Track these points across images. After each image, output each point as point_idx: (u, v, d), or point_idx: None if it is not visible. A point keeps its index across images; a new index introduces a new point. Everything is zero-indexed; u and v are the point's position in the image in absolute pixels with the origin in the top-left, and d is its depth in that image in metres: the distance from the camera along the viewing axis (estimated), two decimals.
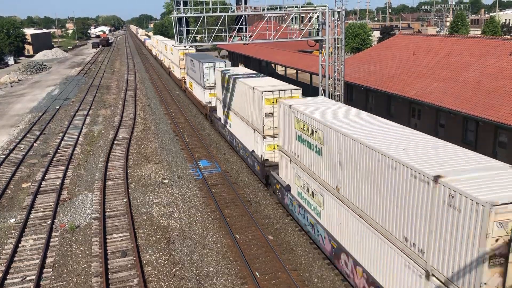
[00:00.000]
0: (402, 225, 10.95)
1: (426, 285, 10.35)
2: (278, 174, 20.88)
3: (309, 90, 44.39)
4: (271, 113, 22.37)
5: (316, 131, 15.71)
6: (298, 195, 18.37)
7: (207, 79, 37.70)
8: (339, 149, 14.15)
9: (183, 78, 53.96)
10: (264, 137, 22.64)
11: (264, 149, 22.78)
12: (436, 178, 9.68)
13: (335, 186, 14.66)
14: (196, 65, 40.94)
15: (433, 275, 10.07)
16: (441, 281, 9.82)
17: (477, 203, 8.71)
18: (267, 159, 22.75)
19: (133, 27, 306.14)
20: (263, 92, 22.09)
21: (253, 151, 24.56)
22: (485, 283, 8.83)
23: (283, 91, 22.39)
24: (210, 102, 38.07)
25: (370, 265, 12.83)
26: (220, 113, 33.20)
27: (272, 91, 22.32)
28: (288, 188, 19.34)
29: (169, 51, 65.33)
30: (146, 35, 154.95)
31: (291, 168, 18.75)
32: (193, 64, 42.97)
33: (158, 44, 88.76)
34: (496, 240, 8.74)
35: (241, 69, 34.80)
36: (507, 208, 8.54)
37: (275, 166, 21.70)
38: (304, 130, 16.78)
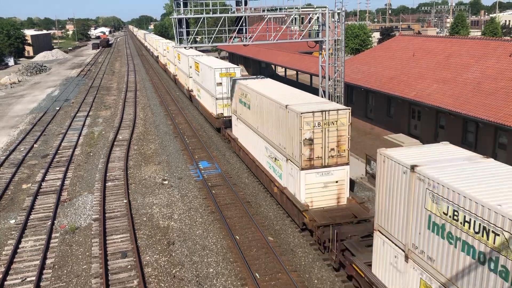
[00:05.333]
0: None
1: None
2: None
3: (309, 92, 44.36)
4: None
5: (247, 94, 25.08)
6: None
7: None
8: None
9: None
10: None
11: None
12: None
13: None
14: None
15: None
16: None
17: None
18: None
19: (132, 28, 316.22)
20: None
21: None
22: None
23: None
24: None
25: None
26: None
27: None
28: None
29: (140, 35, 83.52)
30: (137, 30, 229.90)
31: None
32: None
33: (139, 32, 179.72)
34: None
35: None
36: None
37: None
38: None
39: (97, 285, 15.78)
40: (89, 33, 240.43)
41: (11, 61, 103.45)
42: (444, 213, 10.02)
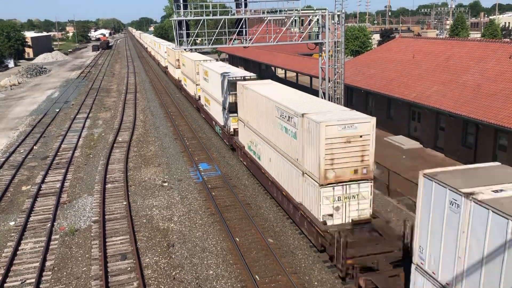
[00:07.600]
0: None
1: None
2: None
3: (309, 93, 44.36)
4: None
5: (257, 100, 23.17)
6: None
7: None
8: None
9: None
10: None
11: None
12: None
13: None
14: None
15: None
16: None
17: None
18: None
19: (131, 29, 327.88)
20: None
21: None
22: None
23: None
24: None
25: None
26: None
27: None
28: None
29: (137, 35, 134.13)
30: (135, 31, 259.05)
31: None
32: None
33: (136, 32, 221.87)
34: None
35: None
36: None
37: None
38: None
39: (97, 287, 15.75)
40: (89, 35, 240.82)
41: (11, 63, 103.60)
42: None
